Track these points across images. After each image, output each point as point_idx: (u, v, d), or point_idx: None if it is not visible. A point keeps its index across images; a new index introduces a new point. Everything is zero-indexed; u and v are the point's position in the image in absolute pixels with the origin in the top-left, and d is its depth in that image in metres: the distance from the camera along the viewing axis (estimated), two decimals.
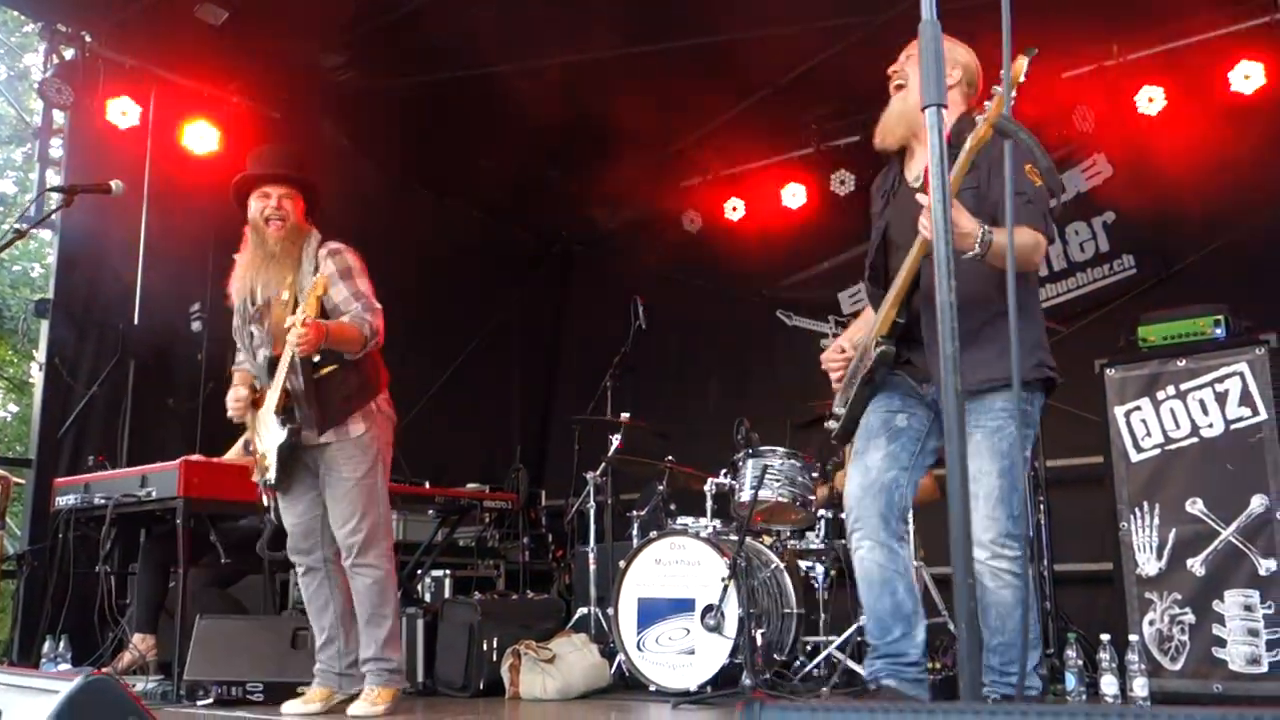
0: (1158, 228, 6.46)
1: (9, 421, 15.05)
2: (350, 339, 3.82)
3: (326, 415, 3.84)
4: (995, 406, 3.00)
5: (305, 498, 3.99)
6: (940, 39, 1.49)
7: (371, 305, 3.93)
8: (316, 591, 4.05)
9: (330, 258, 3.95)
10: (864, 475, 3.15)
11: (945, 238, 1.36)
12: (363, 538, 3.89)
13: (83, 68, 6.26)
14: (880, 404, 3.21)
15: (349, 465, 3.90)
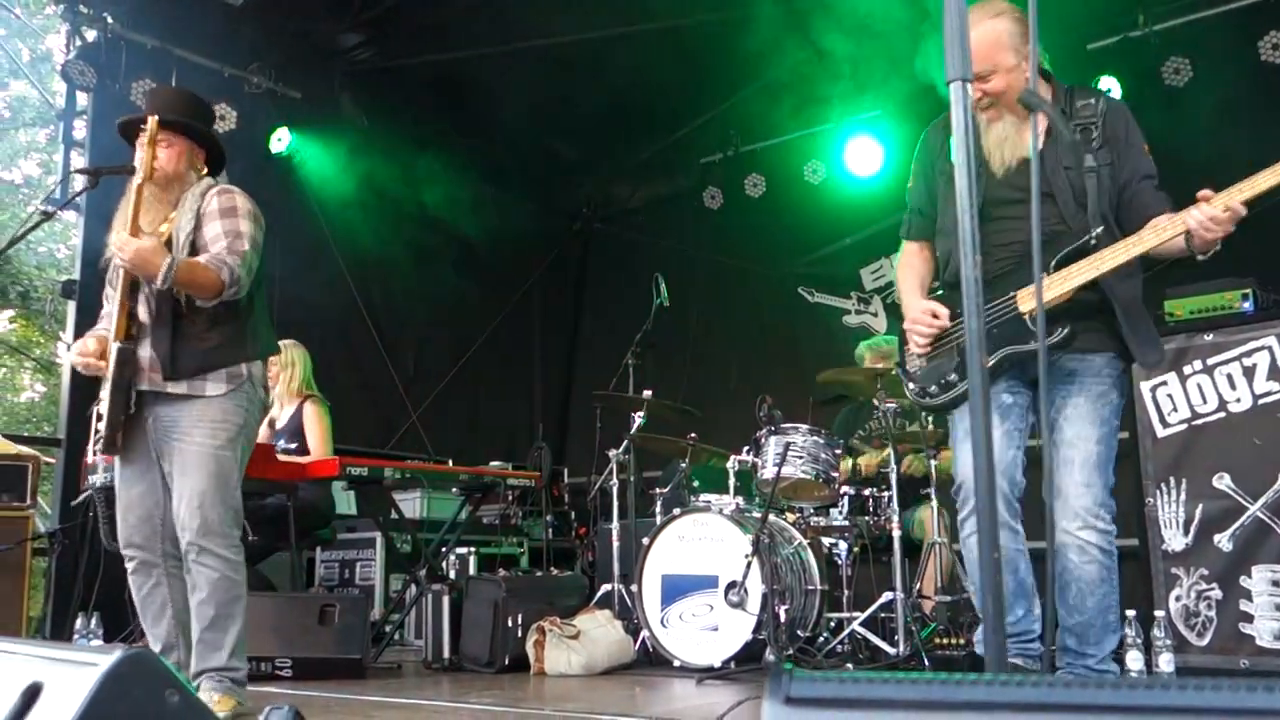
0: (1184, 201, 6.38)
1: (37, 402, 15.22)
2: (201, 282, 3.26)
3: (178, 357, 3.31)
4: (1102, 371, 2.98)
5: (146, 477, 3.41)
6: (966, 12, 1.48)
7: (240, 251, 3.36)
8: (152, 593, 3.43)
9: (218, 195, 3.45)
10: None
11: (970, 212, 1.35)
12: (214, 518, 3.29)
13: (105, 49, 6.28)
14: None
15: (202, 429, 3.32)
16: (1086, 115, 2.97)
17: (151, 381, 3.33)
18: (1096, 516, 2.92)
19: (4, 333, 14.74)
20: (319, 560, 6.55)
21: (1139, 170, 2.95)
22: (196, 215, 3.41)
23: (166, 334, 3.32)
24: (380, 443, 7.49)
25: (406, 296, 7.97)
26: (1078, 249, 2.85)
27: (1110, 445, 2.96)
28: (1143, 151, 2.97)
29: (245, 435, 3.44)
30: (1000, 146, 3.03)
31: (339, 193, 7.35)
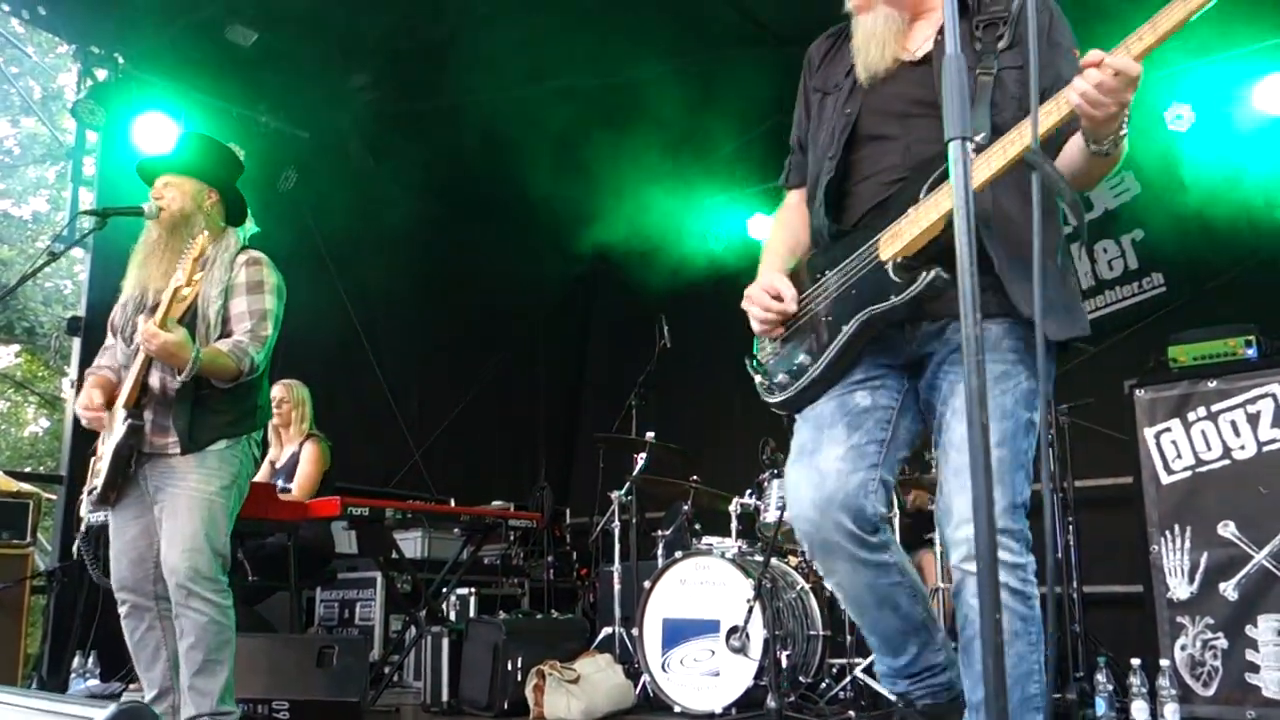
0: (1187, 246, 6.41)
1: (40, 436, 15.24)
2: (220, 371, 3.34)
3: (195, 430, 3.36)
4: (1001, 343, 2.20)
5: (140, 521, 3.43)
6: (965, 72, 1.48)
7: (261, 333, 3.43)
8: (145, 637, 3.42)
9: (246, 266, 3.51)
10: (818, 484, 2.29)
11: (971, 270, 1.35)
12: (203, 562, 3.27)
13: (115, 88, 6.34)
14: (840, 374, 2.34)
15: (196, 475, 3.34)
16: (995, 9, 2.29)
17: (154, 446, 3.36)
18: (1004, 535, 2.16)
19: (9, 367, 14.78)
20: (319, 600, 6.51)
21: (1063, 75, 2.14)
22: (226, 288, 3.46)
23: (186, 408, 3.37)
24: (382, 480, 7.47)
25: (410, 335, 7.98)
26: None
27: (1018, 447, 2.19)
28: (1070, 55, 2.23)
29: (238, 486, 3.46)
30: (868, 45, 2.36)
31: (345, 232, 7.39)
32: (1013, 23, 2.23)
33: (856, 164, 2.36)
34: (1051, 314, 2.13)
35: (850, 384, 2.33)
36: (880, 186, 2.29)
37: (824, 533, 2.28)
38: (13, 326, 13.12)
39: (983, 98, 2.17)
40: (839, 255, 2.29)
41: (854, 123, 2.35)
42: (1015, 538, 2.16)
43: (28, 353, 14.44)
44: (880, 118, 2.34)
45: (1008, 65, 2.22)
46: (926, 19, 2.37)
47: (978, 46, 2.24)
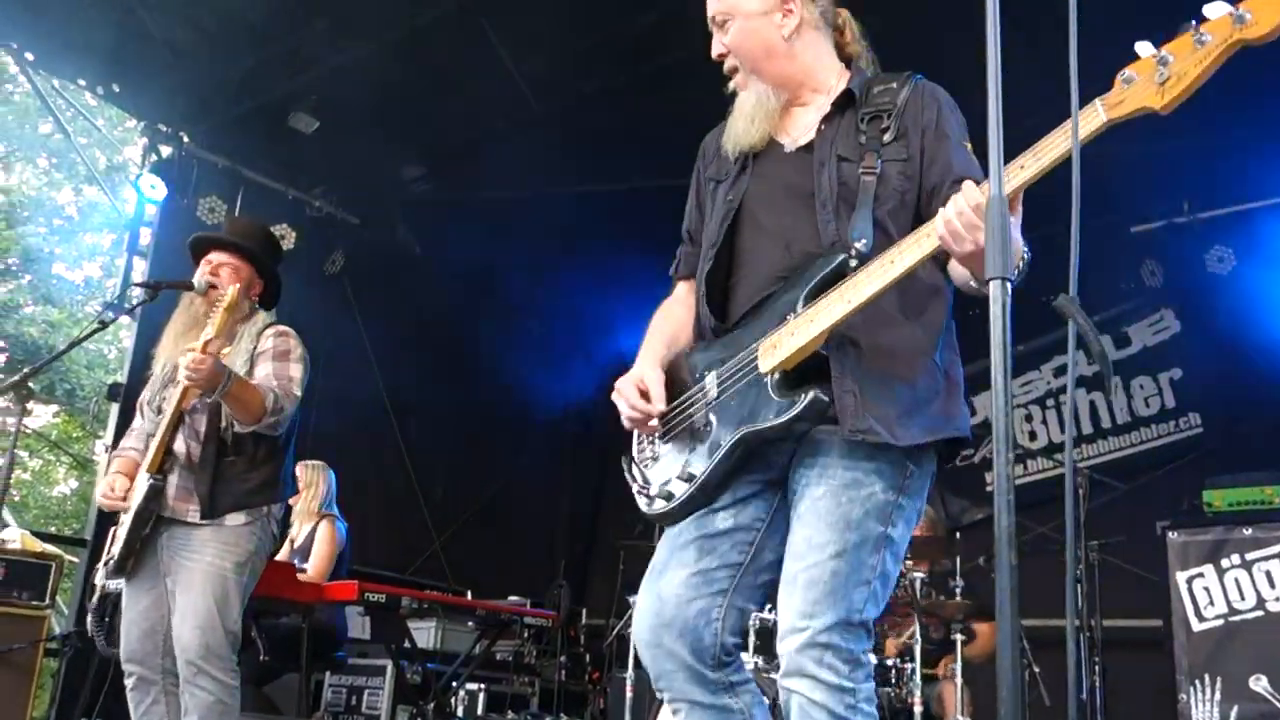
0: (1226, 388, 6.37)
1: (69, 498, 15.35)
2: (249, 402, 3.31)
3: (217, 496, 3.35)
4: (857, 453, 2.01)
5: (153, 592, 3.40)
6: (1009, 215, 1.50)
7: (290, 391, 3.44)
8: (150, 710, 3.38)
9: (273, 336, 3.56)
10: (657, 610, 2.13)
11: (1005, 410, 1.36)
12: (215, 639, 3.24)
13: (178, 165, 6.55)
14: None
15: (212, 549, 3.33)
16: (882, 101, 2.17)
17: (175, 511, 3.36)
18: (819, 661, 1.94)
19: (46, 426, 14.97)
20: (327, 684, 6.43)
21: (953, 169, 2.04)
22: (251, 356, 3.51)
23: (209, 474, 3.38)
24: (401, 567, 7.44)
25: (440, 424, 8.02)
26: (833, 273, 1.99)
27: (861, 560, 1.98)
28: (960, 147, 2.10)
29: (253, 564, 3.44)
30: (735, 120, 2.29)
31: (385, 316, 7.50)
32: (897, 115, 2.13)
33: (739, 256, 2.24)
34: (911, 418, 2.01)
35: (716, 504, 2.16)
36: (762, 282, 2.15)
37: (660, 662, 2.13)
38: (54, 388, 13.33)
39: (864, 200, 2.07)
40: (719, 356, 2.17)
41: (736, 211, 2.25)
42: (842, 657, 1.95)
43: (66, 414, 14.64)
44: (762, 207, 2.23)
45: (891, 159, 2.11)
46: (810, 105, 2.28)
47: (862, 139, 2.14)
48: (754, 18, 2.23)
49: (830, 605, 1.95)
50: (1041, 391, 7.11)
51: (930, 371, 2.07)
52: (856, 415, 1.96)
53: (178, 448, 3.41)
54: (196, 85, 6.26)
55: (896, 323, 2.04)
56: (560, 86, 6.19)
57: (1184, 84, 1.58)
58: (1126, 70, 1.62)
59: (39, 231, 14.06)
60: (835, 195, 2.10)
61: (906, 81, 2.18)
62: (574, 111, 6.34)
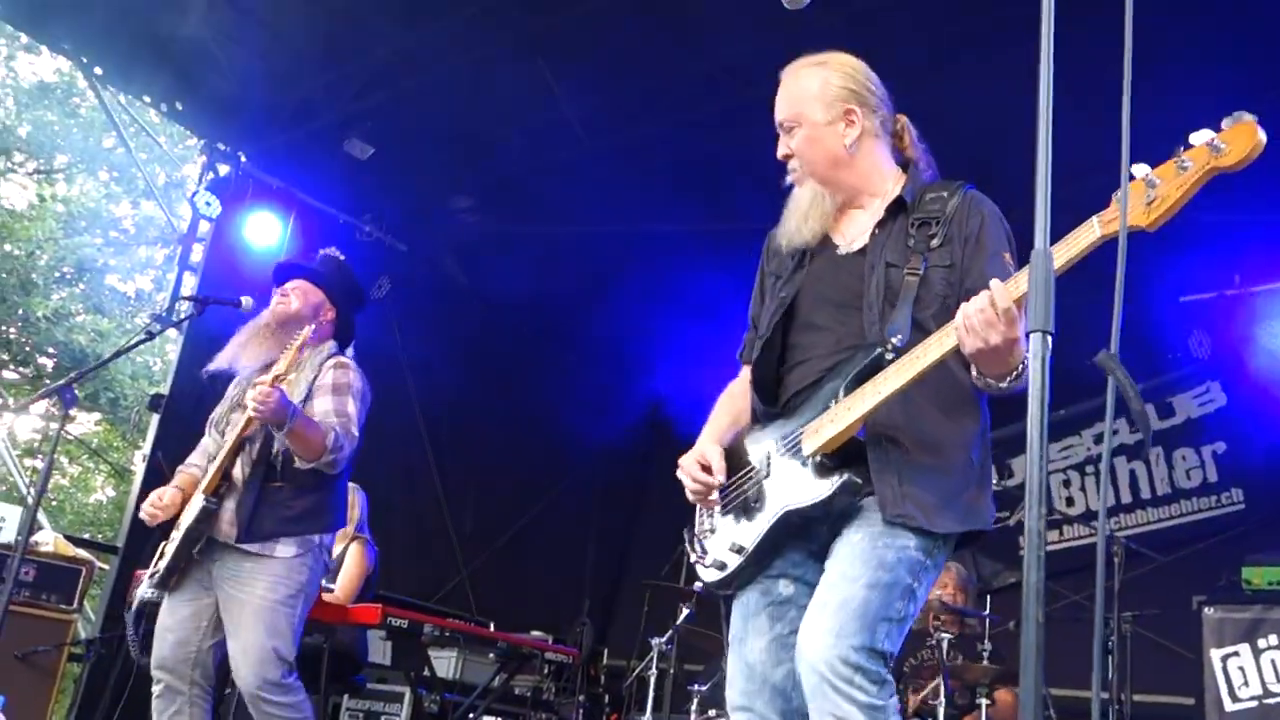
0: (1270, 465, 6.25)
1: (105, 506, 15.52)
2: (310, 440, 3.35)
3: (258, 520, 3.39)
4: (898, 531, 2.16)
5: (193, 604, 3.45)
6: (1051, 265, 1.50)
7: (349, 430, 3.48)
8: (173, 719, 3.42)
9: (333, 369, 3.59)
10: (748, 676, 2.30)
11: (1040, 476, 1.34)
12: (271, 671, 3.33)
13: (234, 183, 6.67)
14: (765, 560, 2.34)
15: (264, 583, 3.37)
16: (932, 209, 2.32)
17: (225, 535, 3.41)
18: (848, 681, 2.02)
19: (87, 434, 15.18)
20: (345, 707, 6.42)
21: (985, 279, 2.07)
22: (310, 387, 3.54)
23: (253, 497, 3.42)
24: (426, 594, 7.44)
25: (473, 454, 8.04)
26: (870, 365, 2.15)
27: (890, 601, 2.09)
28: (998, 258, 2.23)
29: (306, 594, 3.48)
30: (789, 217, 2.44)
31: (427, 344, 7.56)
32: (945, 222, 2.27)
33: (791, 348, 2.39)
34: (947, 508, 2.16)
35: (774, 572, 2.33)
36: (810, 373, 2.31)
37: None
38: (98, 396, 13.54)
39: (906, 297, 2.22)
40: (770, 438, 2.34)
41: (788, 307, 2.40)
42: (870, 678, 2.04)
43: (107, 422, 14.84)
44: (814, 305, 2.38)
45: (936, 264, 2.25)
46: (866, 208, 2.42)
47: (910, 243, 2.28)
48: (819, 127, 2.39)
49: (860, 629, 2.05)
50: (1081, 457, 7.01)
51: (966, 467, 2.23)
52: (895, 503, 2.13)
53: (235, 474, 3.47)
54: (257, 107, 6.38)
55: (936, 420, 2.21)
56: (611, 127, 6.25)
57: (1166, 205, 1.76)
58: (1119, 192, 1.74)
59: (94, 242, 14.34)
60: (881, 298, 2.26)
61: (957, 191, 2.33)
62: (623, 152, 6.40)
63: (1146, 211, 1.76)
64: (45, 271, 13.74)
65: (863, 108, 2.40)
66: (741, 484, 2.36)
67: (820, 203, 2.39)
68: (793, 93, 2.45)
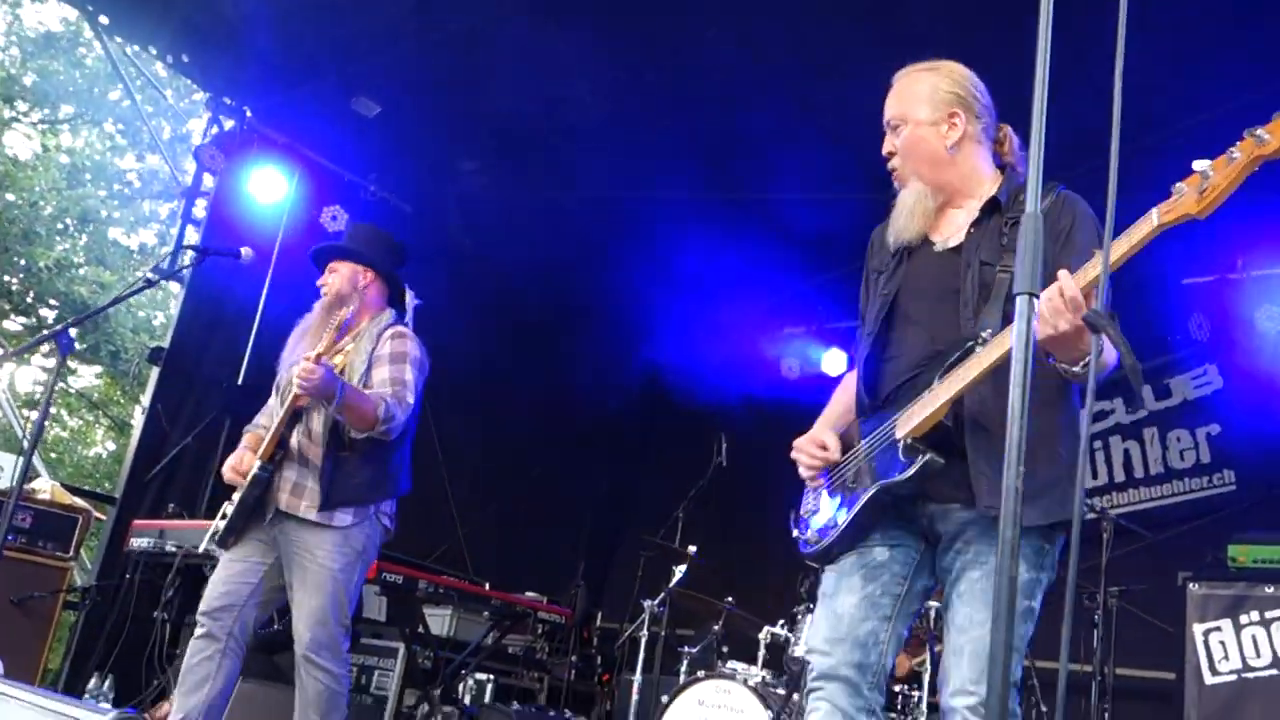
0: (1264, 448, 6.28)
1: (104, 458, 15.59)
2: (361, 412, 3.49)
3: (332, 491, 3.54)
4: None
5: (248, 561, 3.62)
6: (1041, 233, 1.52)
7: (403, 398, 3.62)
8: (202, 663, 3.53)
9: (391, 339, 3.74)
10: (834, 625, 2.47)
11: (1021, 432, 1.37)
12: (324, 635, 3.50)
13: (239, 138, 6.66)
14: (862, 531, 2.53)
15: (328, 553, 3.53)
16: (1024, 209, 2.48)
17: (289, 505, 3.54)
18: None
19: (88, 387, 15.23)
20: None
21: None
22: (370, 357, 3.68)
23: (327, 469, 3.56)
24: (422, 554, 7.48)
25: (474, 416, 8.07)
26: (961, 356, 2.29)
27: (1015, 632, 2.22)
28: (1085, 253, 2.31)
29: (364, 560, 3.64)
30: (898, 216, 2.58)
31: (429, 307, 7.54)
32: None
33: (892, 343, 2.54)
34: (1038, 500, 2.27)
35: (870, 542, 2.49)
36: (907, 367, 2.46)
37: (827, 667, 2.44)
38: (99, 348, 13.57)
39: (998, 294, 2.34)
40: (870, 427, 2.50)
41: (890, 303, 2.56)
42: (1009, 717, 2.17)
43: (108, 375, 14.89)
44: (913, 301, 2.53)
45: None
46: (963, 208, 2.55)
47: (1004, 242, 2.41)
48: (922, 126, 2.54)
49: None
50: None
51: (1054, 460, 2.34)
52: (990, 494, 2.23)
53: (292, 443, 3.60)
54: (263, 62, 6.35)
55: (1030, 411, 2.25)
56: (624, 92, 6.24)
57: (1216, 192, 1.91)
58: (1180, 183, 1.94)
59: (98, 195, 14.33)
60: (976, 294, 2.40)
61: (1050, 191, 2.45)
62: (635, 118, 6.39)
63: (1199, 199, 1.90)
64: (48, 222, 13.73)
65: (966, 112, 2.54)
66: (843, 468, 2.56)
67: (923, 201, 2.53)
68: (902, 93, 2.60)
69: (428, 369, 3.83)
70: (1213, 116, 4.83)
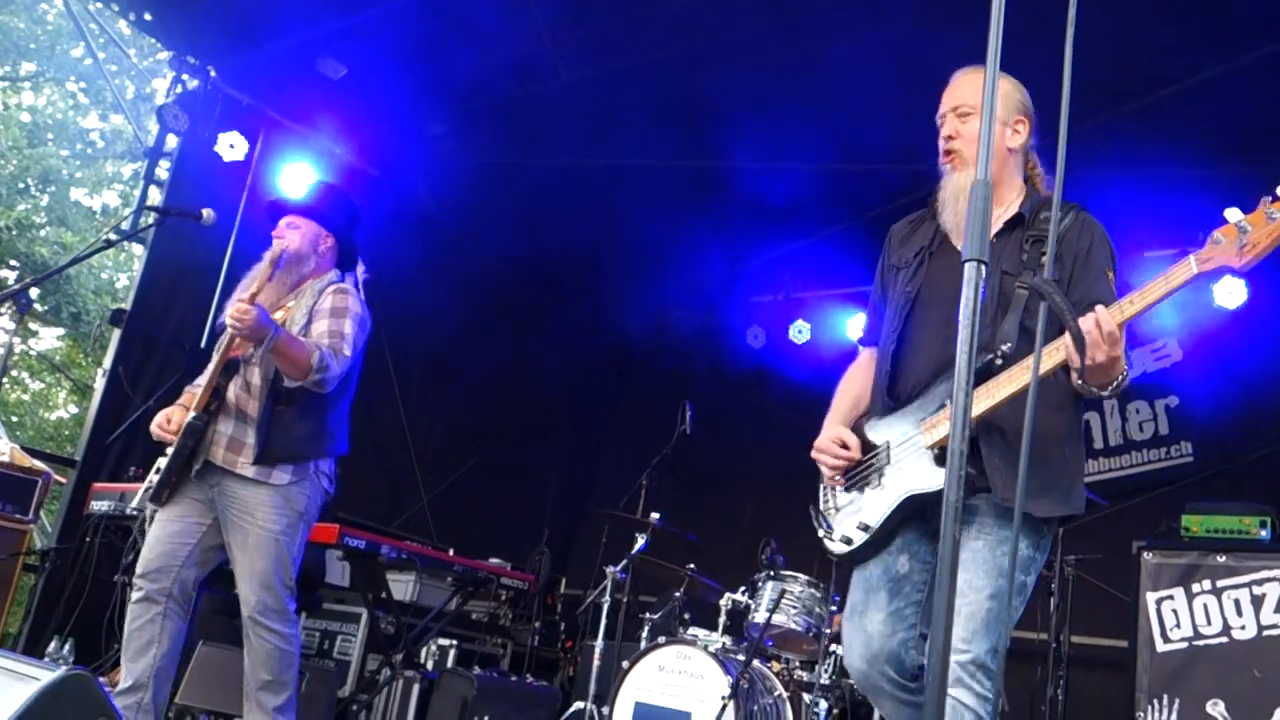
0: (1220, 420, 6.37)
1: (66, 420, 15.43)
2: (295, 358, 3.43)
3: (268, 444, 3.50)
4: (1006, 519, 2.50)
5: (183, 522, 3.57)
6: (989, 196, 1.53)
7: (340, 349, 3.56)
8: (144, 627, 3.51)
9: (333, 294, 3.70)
10: (866, 644, 2.67)
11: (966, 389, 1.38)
12: (270, 598, 3.50)
13: (203, 99, 6.56)
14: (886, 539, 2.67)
15: (268, 515, 3.50)
16: (1046, 227, 2.57)
17: (226, 460, 3.51)
18: (973, 677, 2.43)
19: (50, 350, 15.05)
20: (301, 627, 6.48)
21: (1090, 294, 2.48)
22: (310, 312, 3.65)
23: (264, 422, 3.52)
24: (386, 519, 7.48)
25: (440, 380, 8.05)
26: (982, 369, 2.43)
27: (1005, 603, 2.46)
28: (1103, 276, 2.55)
29: (305, 521, 3.63)
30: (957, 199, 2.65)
31: (395, 271, 7.50)
32: (1057, 240, 2.53)
33: (913, 341, 2.66)
34: (1046, 494, 2.47)
35: (894, 548, 2.66)
36: (924, 370, 2.60)
37: (872, 680, 2.67)
38: (60, 310, 13.40)
39: (1016, 306, 2.48)
40: (894, 429, 2.63)
41: (913, 301, 2.68)
42: (989, 675, 2.42)
43: (70, 338, 14.71)
44: (932, 304, 2.64)
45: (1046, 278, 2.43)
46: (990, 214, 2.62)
47: (1024, 258, 2.56)
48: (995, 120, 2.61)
49: (985, 635, 2.43)
50: None
51: (1062, 458, 2.53)
52: (1005, 487, 2.42)
53: (229, 396, 3.56)
54: (228, 21, 6.25)
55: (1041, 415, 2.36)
56: (594, 59, 6.19)
57: (1258, 249, 2.11)
58: (1216, 233, 2.14)
59: (60, 155, 14.09)
60: (995, 304, 2.53)
61: (1070, 210, 2.62)
62: (603, 84, 6.35)
63: (1239, 254, 2.10)
64: (8, 181, 13.50)
65: (1027, 124, 2.71)
66: (864, 467, 2.69)
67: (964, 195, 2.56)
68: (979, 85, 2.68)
69: (369, 327, 3.79)
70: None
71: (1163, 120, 5.59)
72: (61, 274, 9.15)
